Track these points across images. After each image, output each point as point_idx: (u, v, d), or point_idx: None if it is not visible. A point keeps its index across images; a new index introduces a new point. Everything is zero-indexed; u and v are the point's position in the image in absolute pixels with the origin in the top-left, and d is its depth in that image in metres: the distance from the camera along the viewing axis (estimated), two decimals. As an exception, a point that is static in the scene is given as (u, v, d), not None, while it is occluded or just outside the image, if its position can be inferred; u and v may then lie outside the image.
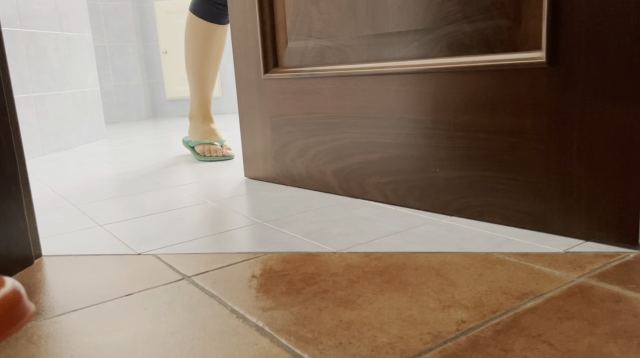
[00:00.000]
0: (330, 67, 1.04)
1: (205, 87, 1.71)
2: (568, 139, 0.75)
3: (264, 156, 1.25)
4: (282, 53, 1.14)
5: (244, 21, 1.20)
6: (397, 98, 0.95)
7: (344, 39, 1.01)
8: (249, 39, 1.20)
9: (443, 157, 0.90)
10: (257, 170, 1.28)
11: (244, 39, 1.21)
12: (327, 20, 1.03)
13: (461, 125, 0.87)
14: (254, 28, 1.18)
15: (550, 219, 0.79)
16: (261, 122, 1.23)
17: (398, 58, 0.93)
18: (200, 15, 1.60)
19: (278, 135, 1.20)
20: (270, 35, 1.15)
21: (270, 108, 1.20)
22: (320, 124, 1.10)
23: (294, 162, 1.18)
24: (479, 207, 0.87)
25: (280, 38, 1.14)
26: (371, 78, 0.98)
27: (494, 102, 0.82)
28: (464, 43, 0.84)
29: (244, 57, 1.23)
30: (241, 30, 1.21)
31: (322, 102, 1.08)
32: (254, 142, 1.27)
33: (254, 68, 1.21)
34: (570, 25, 0.72)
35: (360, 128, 1.02)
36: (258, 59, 1.19)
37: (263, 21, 1.14)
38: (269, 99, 1.19)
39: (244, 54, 1.23)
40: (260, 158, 1.26)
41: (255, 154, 1.28)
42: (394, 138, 0.97)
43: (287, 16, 1.11)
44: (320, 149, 1.11)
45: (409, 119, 0.94)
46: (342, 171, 1.08)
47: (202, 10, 1.60)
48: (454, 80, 0.86)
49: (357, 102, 1.02)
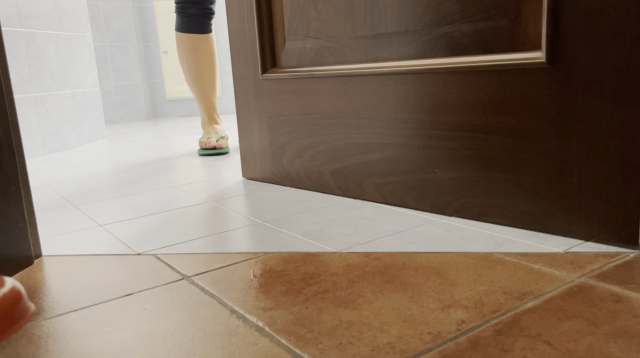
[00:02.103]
0: (328, 68, 1.04)
1: (206, 93, 1.83)
2: (568, 139, 0.75)
3: (261, 157, 1.25)
4: (280, 53, 1.14)
5: (242, 21, 1.20)
6: (395, 98, 0.95)
7: (342, 39, 1.01)
8: (247, 39, 1.20)
9: (442, 158, 0.90)
10: (255, 171, 1.28)
11: (242, 39, 1.21)
12: (324, 20, 1.03)
13: (460, 126, 0.87)
14: (251, 28, 1.18)
15: (551, 219, 0.79)
16: (259, 122, 1.23)
17: (396, 58, 0.93)
18: (183, 31, 1.74)
19: (276, 136, 1.19)
20: (268, 36, 1.15)
21: (267, 108, 1.20)
22: (318, 125, 1.10)
23: (292, 163, 1.17)
24: (479, 208, 0.87)
25: (278, 38, 1.14)
26: (369, 78, 0.98)
27: (493, 102, 0.82)
28: (463, 43, 0.84)
29: (241, 58, 1.23)
30: (238, 30, 1.21)
31: (319, 102, 1.08)
32: (252, 143, 1.27)
33: (251, 68, 1.21)
34: (570, 25, 0.72)
35: (358, 128, 1.02)
36: (256, 59, 1.19)
37: (261, 21, 1.14)
38: (266, 100, 1.19)
39: (242, 54, 1.22)
40: (258, 159, 1.26)
41: (253, 155, 1.27)
42: (392, 138, 0.97)
43: (285, 16, 1.11)
44: (318, 150, 1.10)
45: (407, 119, 0.94)
46: (340, 172, 1.08)
47: (183, 26, 1.74)
48: (453, 80, 0.86)
49: (355, 102, 1.02)
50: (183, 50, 1.77)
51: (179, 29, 1.75)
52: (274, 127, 1.19)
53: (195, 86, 1.81)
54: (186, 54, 1.76)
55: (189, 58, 1.77)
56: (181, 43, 1.77)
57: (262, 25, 1.14)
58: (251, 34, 1.18)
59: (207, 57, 1.78)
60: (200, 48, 1.76)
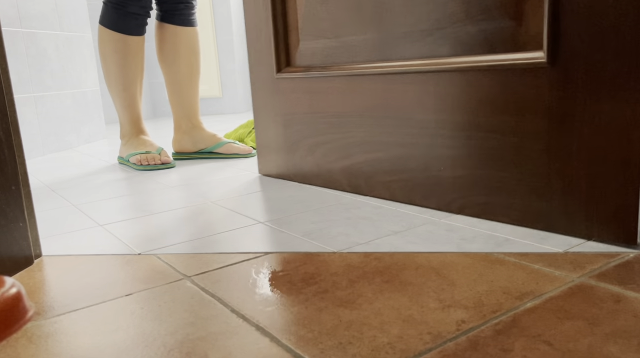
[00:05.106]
0: (338, 67, 1.06)
1: (135, 103, 1.62)
2: (568, 138, 0.75)
3: (276, 153, 1.27)
4: (294, 53, 1.16)
5: (258, 21, 1.22)
6: (402, 97, 0.95)
7: (351, 39, 1.02)
8: (263, 39, 1.22)
9: (447, 156, 0.90)
10: (270, 167, 1.30)
11: (258, 40, 1.23)
12: (334, 20, 1.05)
13: (463, 125, 0.87)
14: (267, 29, 1.19)
15: (552, 218, 0.79)
16: (274, 120, 1.26)
17: (404, 58, 0.94)
18: (115, 29, 1.52)
19: (290, 133, 1.21)
20: (282, 35, 1.17)
21: (282, 106, 1.22)
22: (329, 123, 1.11)
23: (305, 160, 1.19)
24: (482, 206, 0.87)
25: (292, 38, 1.16)
26: (377, 77, 0.99)
27: (495, 101, 0.82)
28: (467, 43, 0.84)
29: (258, 58, 1.25)
30: (255, 29, 1.23)
31: (330, 101, 1.09)
32: (268, 140, 1.29)
33: (267, 68, 1.23)
34: (570, 25, 0.72)
35: (366, 127, 1.03)
36: (271, 59, 1.20)
37: (275, 21, 1.17)
38: (281, 98, 1.21)
39: (258, 55, 1.24)
40: (273, 155, 1.28)
41: (269, 151, 1.30)
42: (399, 137, 0.97)
43: (299, 16, 1.12)
44: (329, 147, 1.12)
45: (414, 119, 0.94)
46: (349, 169, 1.09)
47: (117, 23, 1.51)
48: (458, 80, 0.86)
49: (363, 101, 1.03)
50: (113, 54, 1.54)
51: (111, 26, 1.52)
52: (288, 124, 1.21)
53: (123, 95, 1.58)
54: (118, 58, 1.54)
55: (121, 63, 1.54)
56: (110, 44, 1.53)
57: (276, 26, 1.17)
58: (267, 35, 1.20)
59: (140, 62, 1.58)
60: (135, 52, 1.55)
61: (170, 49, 1.61)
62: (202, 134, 1.66)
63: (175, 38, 1.60)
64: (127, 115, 1.63)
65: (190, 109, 1.67)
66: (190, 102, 1.66)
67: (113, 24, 1.52)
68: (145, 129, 1.68)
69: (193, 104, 1.67)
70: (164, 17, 1.60)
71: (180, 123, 1.67)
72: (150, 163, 1.53)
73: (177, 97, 1.65)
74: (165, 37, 1.61)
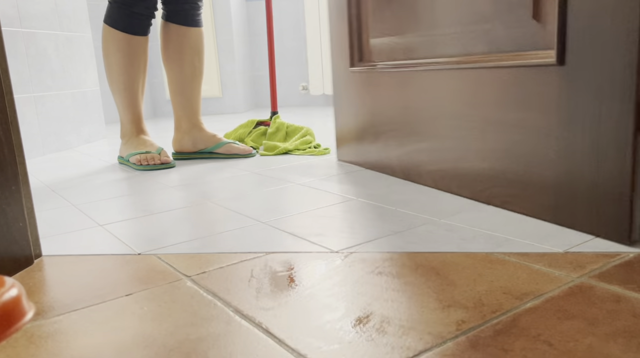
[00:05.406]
0: (395, 63, 1.16)
1: (136, 103, 1.62)
2: (574, 136, 0.76)
3: (349, 141, 1.41)
4: (365, 48, 1.29)
5: (339, 21, 1.35)
6: (443, 92, 1.02)
7: (408, 37, 1.11)
8: (341, 36, 1.35)
9: (477, 149, 0.96)
10: (345, 155, 1.44)
11: (337, 36, 1.37)
12: (397, 19, 1.14)
13: (489, 120, 0.92)
14: (344, 27, 1.33)
15: (559, 214, 0.81)
16: (347, 110, 1.38)
17: (445, 55, 1.01)
18: (120, 28, 1.53)
19: (359, 122, 1.34)
20: (356, 34, 1.30)
21: (354, 97, 1.35)
22: (389, 114, 1.21)
23: (369, 148, 1.31)
24: (503, 197, 0.92)
25: (364, 35, 1.28)
26: (425, 73, 1.07)
27: (515, 98, 0.85)
28: (494, 41, 0.89)
29: (338, 52, 1.38)
30: (336, 28, 1.37)
31: (390, 93, 1.19)
32: (342, 129, 1.43)
33: (343, 62, 1.36)
34: (578, 25, 0.72)
35: (417, 118, 1.11)
36: (346, 53, 1.34)
37: (350, 21, 1.30)
38: (353, 90, 1.34)
39: (338, 50, 1.38)
40: (347, 142, 1.42)
41: (343, 139, 1.44)
42: (439, 129, 1.05)
43: (369, 16, 1.25)
44: (389, 136, 1.22)
45: (448, 113, 1.01)
46: (402, 157, 1.19)
47: (122, 23, 1.52)
48: (487, 76, 0.90)
49: (415, 94, 1.10)
50: (116, 52, 1.55)
51: (115, 25, 1.53)
52: (358, 114, 1.33)
53: (125, 94, 1.58)
54: (121, 57, 1.55)
55: (125, 62, 1.55)
56: (114, 43, 1.54)
57: (351, 24, 1.30)
58: (344, 32, 1.33)
59: (143, 62, 1.58)
60: (139, 51, 1.56)
61: (175, 49, 1.61)
62: (202, 134, 1.66)
63: (180, 38, 1.60)
64: (128, 115, 1.63)
65: (191, 109, 1.66)
66: (191, 102, 1.66)
67: (117, 23, 1.52)
68: (145, 129, 1.67)
69: (194, 104, 1.67)
70: (170, 16, 1.59)
71: (181, 123, 1.67)
72: (150, 163, 1.53)
73: (179, 97, 1.65)
74: (170, 37, 1.60)
